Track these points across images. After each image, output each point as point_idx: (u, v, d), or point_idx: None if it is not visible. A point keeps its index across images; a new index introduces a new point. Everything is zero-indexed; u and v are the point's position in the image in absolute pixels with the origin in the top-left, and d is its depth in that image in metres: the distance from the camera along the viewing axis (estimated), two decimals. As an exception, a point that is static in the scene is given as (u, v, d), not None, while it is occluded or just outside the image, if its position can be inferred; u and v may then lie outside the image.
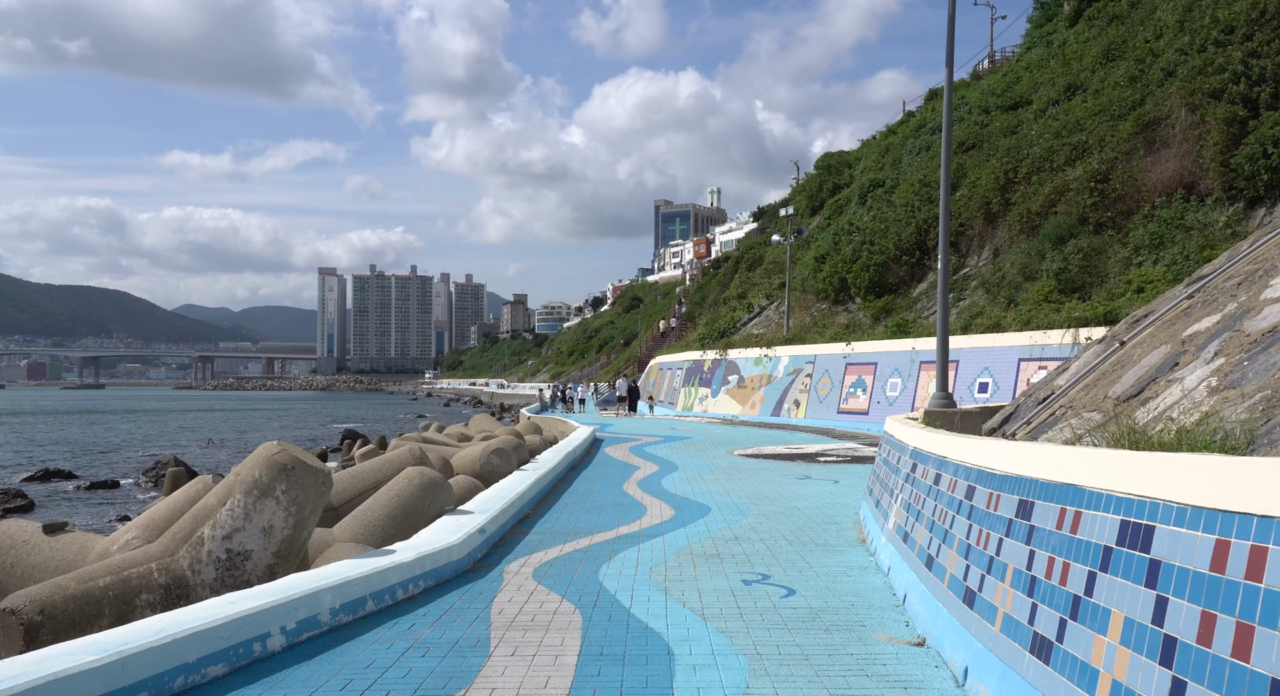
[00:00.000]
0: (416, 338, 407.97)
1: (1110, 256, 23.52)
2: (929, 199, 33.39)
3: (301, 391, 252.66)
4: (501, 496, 10.62)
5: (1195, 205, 21.90)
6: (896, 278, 33.19)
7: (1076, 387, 9.09)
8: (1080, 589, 3.47)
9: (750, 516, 11.21)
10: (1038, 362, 22.51)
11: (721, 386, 39.43)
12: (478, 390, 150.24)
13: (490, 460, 13.60)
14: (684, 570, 7.97)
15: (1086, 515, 3.54)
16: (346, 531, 8.67)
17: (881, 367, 28.49)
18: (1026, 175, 27.68)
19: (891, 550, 7.65)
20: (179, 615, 4.88)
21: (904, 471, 8.19)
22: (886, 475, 9.45)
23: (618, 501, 12.67)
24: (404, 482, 9.11)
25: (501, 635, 5.86)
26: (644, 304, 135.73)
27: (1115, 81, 27.37)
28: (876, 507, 9.42)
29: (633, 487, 14.27)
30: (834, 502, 12.44)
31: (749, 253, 64.71)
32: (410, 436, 15.54)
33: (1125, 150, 24.31)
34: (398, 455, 10.21)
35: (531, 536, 9.77)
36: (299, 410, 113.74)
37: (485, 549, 8.69)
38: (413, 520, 8.93)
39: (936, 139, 40.09)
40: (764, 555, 8.66)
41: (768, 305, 46.74)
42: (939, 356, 11.29)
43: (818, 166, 60.45)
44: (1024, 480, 4.38)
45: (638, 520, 10.97)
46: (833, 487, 14.14)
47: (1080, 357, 9.95)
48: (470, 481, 11.53)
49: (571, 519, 11.11)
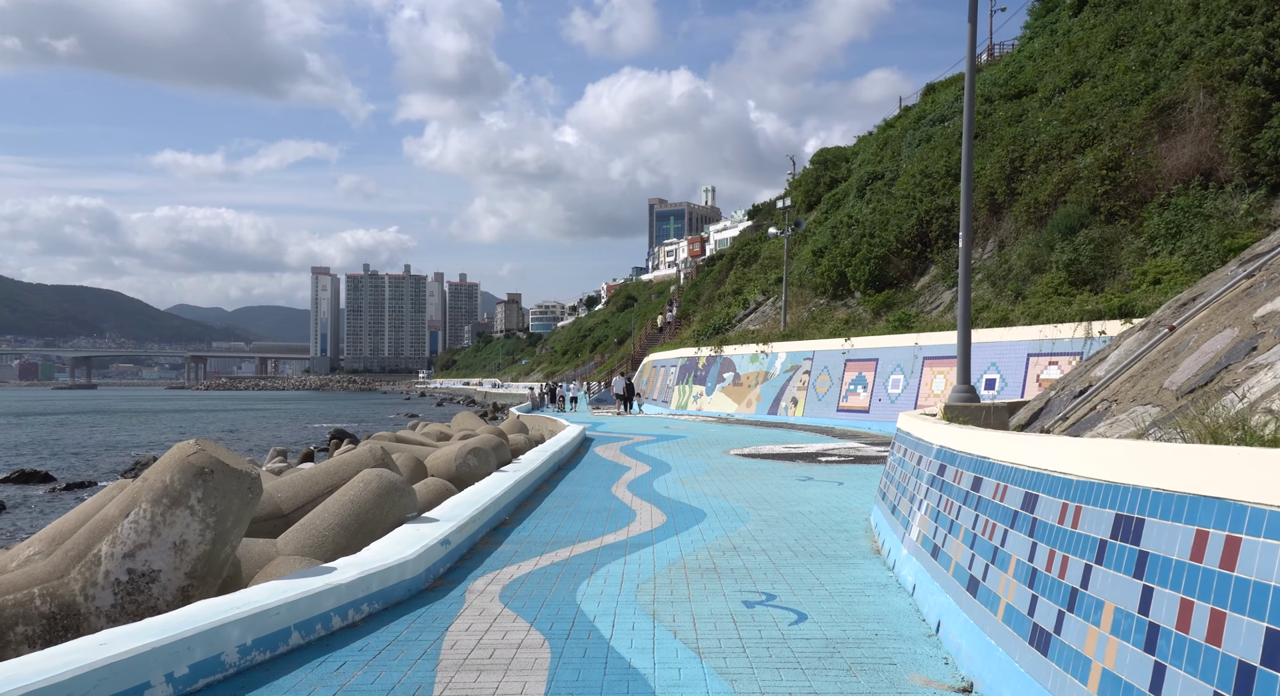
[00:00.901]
0: (410, 337, 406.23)
1: (1123, 247, 22.48)
2: (930, 190, 32.34)
3: (294, 391, 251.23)
4: (474, 501, 9.54)
5: (1214, 192, 20.86)
6: (897, 271, 32.12)
7: (1119, 379, 8.04)
8: (1247, 647, 2.40)
9: (749, 522, 10.14)
10: (1048, 358, 21.47)
11: (717, 384, 38.34)
12: (471, 390, 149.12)
13: (467, 461, 12.51)
14: (675, 588, 6.89)
15: (1248, 542, 2.47)
16: (292, 543, 7.59)
17: (883, 364, 27.43)
18: (1034, 164, 26.64)
19: (916, 565, 6.58)
20: (16, 666, 3.77)
21: (928, 474, 7.13)
22: (904, 478, 8.39)
23: (605, 506, 11.59)
24: (359, 487, 8.02)
25: (449, 679, 4.77)
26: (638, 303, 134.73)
27: (1126, 66, 26.33)
28: (892, 514, 8.36)
29: (622, 490, 13.19)
30: (840, 506, 11.38)
31: (744, 249, 63.64)
32: (383, 435, 14.48)
33: (1139, 136, 23.28)
34: (356, 456, 9.12)
35: (505, 546, 8.69)
36: (290, 410, 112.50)
37: (449, 563, 7.61)
38: (368, 529, 7.85)
39: (938, 130, 39.06)
40: (767, 569, 7.59)
41: (764, 301, 45.65)
42: (960, 344, 10.20)
43: (814, 161, 59.32)
44: (1125, 490, 3.30)
45: (625, 527, 9.89)
46: (837, 490, 13.08)
47: (1119, 347, 8.90)
48: (442, 484, 10.43)
49: (552, 525, 10.04)
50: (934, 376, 25.26)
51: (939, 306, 28.77)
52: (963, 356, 10.22)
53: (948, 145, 34.57)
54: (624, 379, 45.16)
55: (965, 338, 10.21)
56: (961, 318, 10.23)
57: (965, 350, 10.21)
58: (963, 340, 10.21)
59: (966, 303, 10.26)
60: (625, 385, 43.73)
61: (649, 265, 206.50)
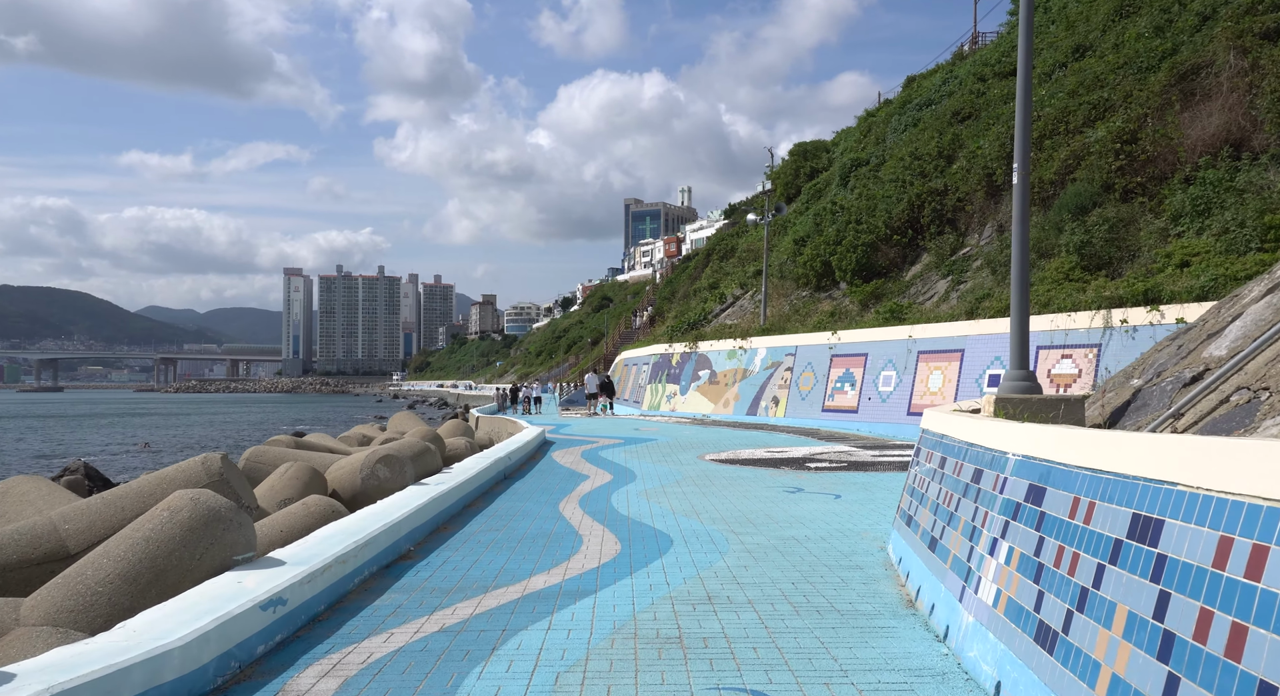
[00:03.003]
0: (384, 339, 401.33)
1: (1142, 227, 20.20)
2: (921, 173, 30.02)
3: (266, 394, 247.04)
4: (357, 530, 7.02)
5: (1248, 164, 18.62)
6: (887, 259, 29.75)
7: (1255, 360, 5.64)
8: None
9: (729, 554, 7.68)
10: (1060, 351, 19.14)
11: (691, 382, 35.84)
12: (445, 392, 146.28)
13: (375, 472, 9.97)
14: (617, 683, 4.42)
15: None
16: (45, 605, 5.05)
17: (873, 359, 25.05)
18: (1038, 139, 24.32)
19: (1000, 650, 4.13)
20: None
21: (1003, 500, 4.69)
22: (946, 499, 5.96)
23: (545, 529, 9.10)
24: (162, 518, 5.49)
25: None
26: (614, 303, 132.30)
27: (1138, 33, 24.09)
28: (930, 550, 5.93)
29: (572, 507, 10.70)
30: (843, 528, 8.95)
31: (721, 244, 61.26)
32: (279, 439, 11.93)
33: (1157, 105, 21.01)
34: (181, 471, 6.59)
35: (386, 598, 6.17)
36: (257, 412, 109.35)
37: (277, 635, 5.07)
38: (169, 581, 5.32)
39: (926, 114, 36.78)
40: (757, 640, 5.13)
41: (742, 294, 43.20)
42: (1015, 318, 7.70)
43: (792, 154, 56.99)
44: None
45: (565, 562, 7.42)
46: (835, 505, 10.65)
47: (1239, 318, 6.49)
48: (325, 507, 7.89)
49: (468, 559, 7.54)
50: (930, 372, 22.90)
51: (933, 296, 26.45)
52: (1019, 334, 7.76)
53: (939, 125, 32.27)
54: (598, 376, 41.37)
55: (1023, 308, 7.73)
56: (1018, 280, 7.78)
57: (1023, 326, 7.75)
58: (1019, 312, 7.72)
59: (1024, 261, 7.80)
60: (600, 382, 39.48)
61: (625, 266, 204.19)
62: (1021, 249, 7.80)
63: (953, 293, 25.52)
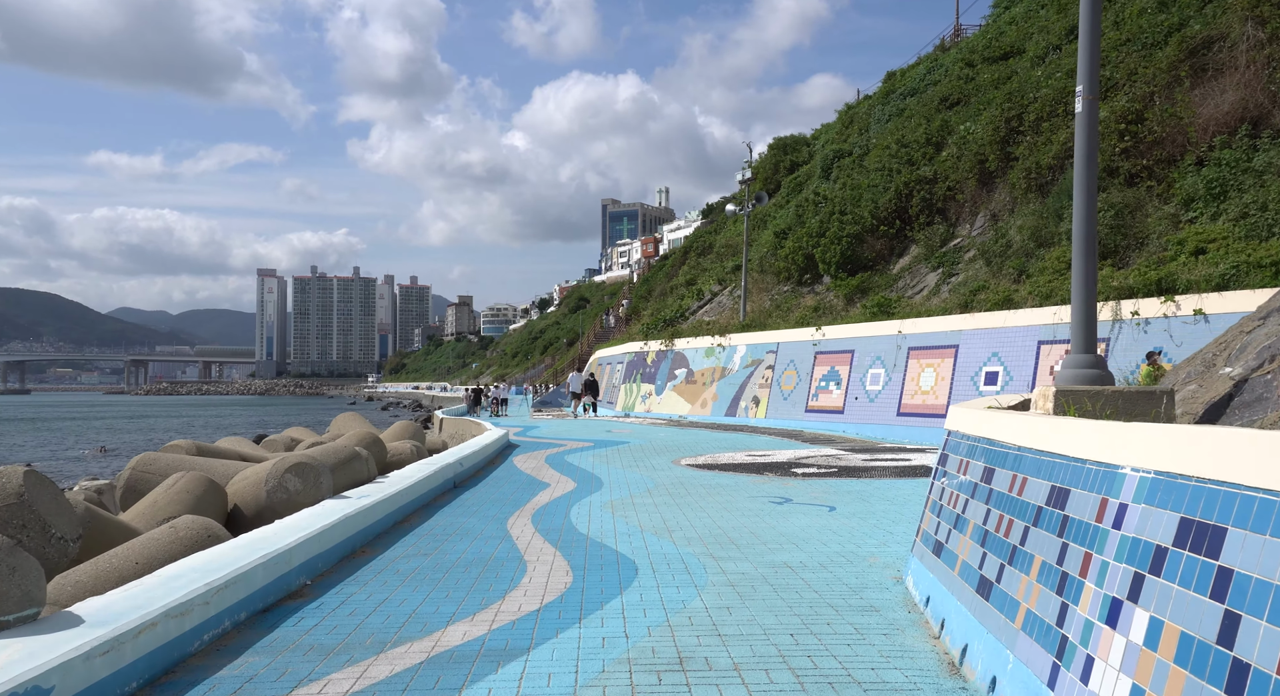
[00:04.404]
0: (359, 340, 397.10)
1: (1150, 213, 18.79)
2: (909, 160, 28.56)
3: (239, 396, 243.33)
4: (220, 565, 5.36)
5: (1267, 143, 17.23)
6: (873, 251, 28.25)
7: None
8: None
9: (708, 589, 6.08)
10: (1065, 345, 17.68)
11: (668, 382, 34.22)
12: (420, 393, 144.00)
13: (284, 483, 8.30)
14: None
15: None
16: None
17: (859, 356, 23.53)
18: (1034, 123, 22.91)
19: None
20: None
21: (1118, 538, 3.11)
22: (1005, 527, 4.38)
23: (483, 553, 7.46)
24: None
25: None
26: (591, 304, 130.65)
27: (1141, 8, 22.71)
28: (983, 598, 4.34)
29: (523, 523, 9.06)
30: (845, 551, 7.37)
31: (698, 241, 59.73)
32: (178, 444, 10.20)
33: (1164, 83, 19.61)
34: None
35: (238, 663, 4.52)
36: (228, 415, 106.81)
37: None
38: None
39: (911, 102, 35.36)
40: (749, 739, 3.53)
41: (720, 290, 41.63)
42: (1079, 288, 6.07)
43: (772, 148, 55.49)
44: None
45: (499, 601, 5.79)
46: (830, 519, 9.08)
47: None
48: (199, 530, 6.22)
49: (375, 597, 5.90)
50: (922, 370, 21.41)
51: (923, 289, 24.97)
52: (1084, 311, 6.14)
53: (926, 112, 30.84)
54: (581, 375, 38.92)
55: (1088, 277, 6.09)
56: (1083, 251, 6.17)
57: (1089, 306, 6.13)
58: (1085, 288, 6.07)
59: (1092, 228, 6.21)
60: (586, 381, 36.69)
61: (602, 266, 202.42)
62: (1088, 198, 6.25)
63: (943, 286, 24.05)
